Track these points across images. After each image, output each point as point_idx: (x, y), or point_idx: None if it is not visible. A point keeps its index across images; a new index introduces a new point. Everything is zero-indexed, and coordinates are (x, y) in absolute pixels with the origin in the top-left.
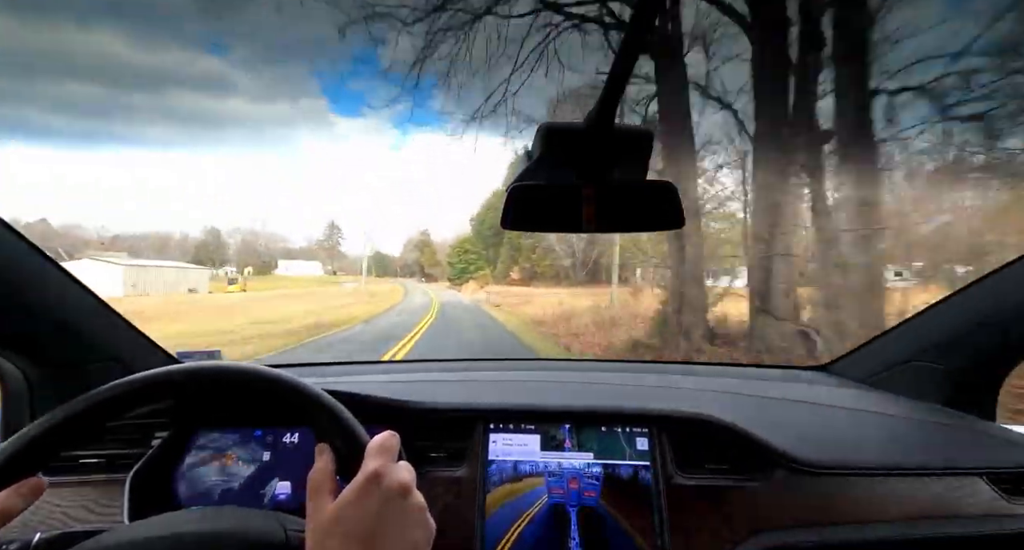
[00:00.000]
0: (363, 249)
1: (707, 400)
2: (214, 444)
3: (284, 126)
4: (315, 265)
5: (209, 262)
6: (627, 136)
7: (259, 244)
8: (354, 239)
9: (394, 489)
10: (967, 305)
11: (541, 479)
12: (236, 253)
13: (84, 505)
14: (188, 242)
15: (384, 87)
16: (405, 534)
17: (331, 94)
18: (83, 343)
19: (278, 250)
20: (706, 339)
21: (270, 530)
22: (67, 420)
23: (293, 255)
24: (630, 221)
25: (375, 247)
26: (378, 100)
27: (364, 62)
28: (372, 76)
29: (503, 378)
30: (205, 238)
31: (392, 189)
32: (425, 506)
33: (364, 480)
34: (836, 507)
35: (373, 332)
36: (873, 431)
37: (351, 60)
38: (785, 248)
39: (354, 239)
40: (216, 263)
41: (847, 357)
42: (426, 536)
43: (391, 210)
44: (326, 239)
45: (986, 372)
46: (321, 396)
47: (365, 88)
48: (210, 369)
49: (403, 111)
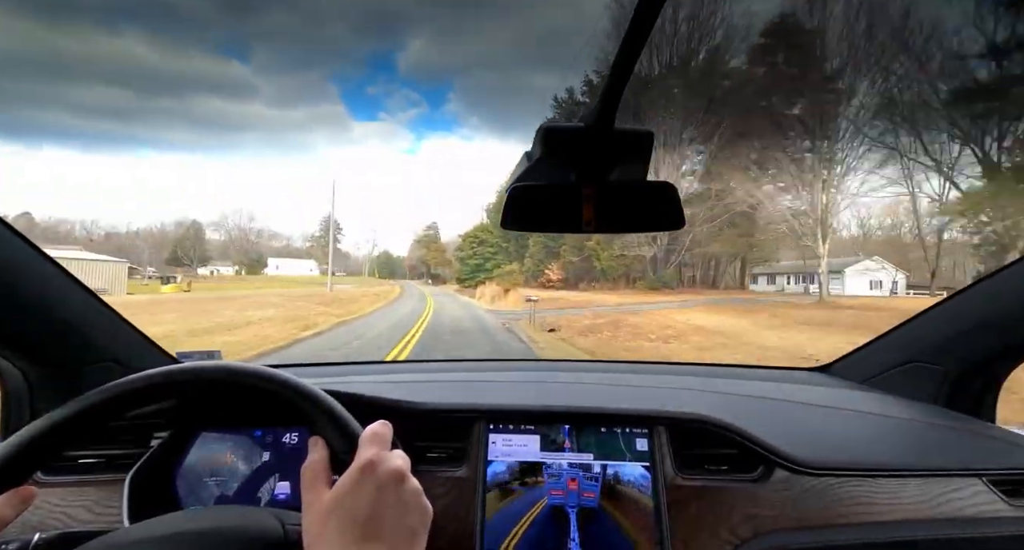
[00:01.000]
0: (363, 249)
1: (707, 401)
2: (213, 444)
3: (301, 131)
4: (309, 264)
5: (187, 260)
6: (627, 136)
7: (249, 241)
8: (360, 238)
9: (389, 476)
10: (966, 307)
11: (541, 480)
12: (220, 250)
13: (84, 505)
14: (167, 237)
15: (401, 92)
16: (402, 519)
17: (349, 100)
18: (83, 343)
19: (277, 248)
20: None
21: (268, 526)
22: (66, 421)
23: (297, 254)
24: (630, 221)
25: (377, 246)
26: (394, 105)
27: (382, 69)
28: (389, 82)
29: (503, 379)
30: (184, 233)
31: (403, 190)
32: (421, 491)
33: (358, 468)
34: (835, 508)
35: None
36: (872, 432)
37: (368, 66)
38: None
39: (360, 238)
40: (196, 261)
41: (847, 358)
42: (423, 520)
43: (400, 211)
44: (324, 235)
45: (985, 373)
46: (312, 391)
47: (381, 93)
48: (191, 370)
49: (418, 116)
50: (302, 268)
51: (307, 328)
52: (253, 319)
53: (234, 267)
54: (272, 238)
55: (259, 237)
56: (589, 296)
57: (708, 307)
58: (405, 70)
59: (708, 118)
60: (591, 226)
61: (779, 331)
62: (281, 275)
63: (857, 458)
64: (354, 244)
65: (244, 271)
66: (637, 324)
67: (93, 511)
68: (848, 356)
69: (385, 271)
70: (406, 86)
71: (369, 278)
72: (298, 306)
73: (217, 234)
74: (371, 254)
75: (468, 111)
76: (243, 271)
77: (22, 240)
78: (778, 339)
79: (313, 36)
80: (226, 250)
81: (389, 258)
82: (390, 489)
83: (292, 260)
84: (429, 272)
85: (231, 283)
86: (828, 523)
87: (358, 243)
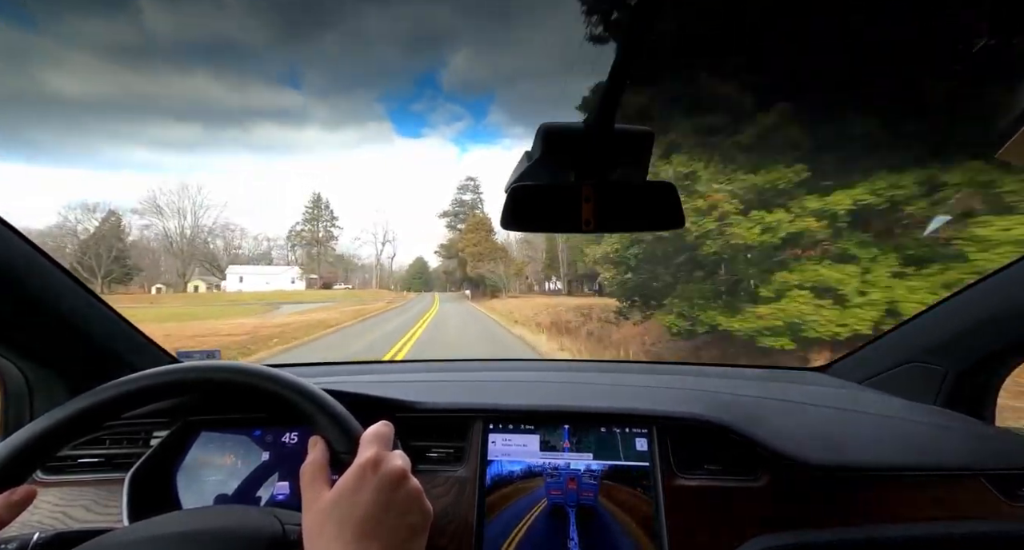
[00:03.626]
0: (369, 250)
1: (706, 401)
2: (213, 444)
3: (349, 149)
4: (290, 273)
5: (91, 261)
6: (627, 136)
7: (197, 242)
8: (370, 241)
9: (390, 476)
10: (967, 306)
11: (540, 479)
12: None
13: (83, 505)
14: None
15: (444, 107)
16: (403, 519)
17: (394, 117)
18: (83, 343)
19: (257, 255)
20: None
21: (267, 525)
22: (67, 420)
23: (268, 260)
24: (630, 221)
25: (388, 243)
26: (438, 119)
27: (427, 85)
28: (433, 98)
29: (502, 378)
30: (100, 228)
31: (442, 200)
32: (422, 491)
33: (359, 468)
34: (835, 508)
35: None
36: (872, 432)
37: (414, 84)
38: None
39: (370, 241)
40: (103, 274)
41: (846, 358)
42: (423, 521)
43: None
44: (307, 225)
45: (985, 373)
46: (312, 390)
47: (426, 109)
48: (192, 369)
49: (464, 128)
50: (281, 280)
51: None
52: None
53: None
54: (243, 238)
55: (224, 235)
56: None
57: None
58: (448, 84)
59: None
60: (591, 226)
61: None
62: (227, 293)
63: (856, 458)
64: (357, 244)
65: (199, 286)
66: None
67: (93, 511)
68: (848, 356)
69: (418, 282)
70: (450, 100)
71: (382, 291)
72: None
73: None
74: (378, 257)
75: (511, 121)
76: (166, 289)
77: (22, 240)
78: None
79: (360, 59)
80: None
81: (422, 267)
82: (391, 489)
83: (266, 268)
84: (466, 276)
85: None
86: (828, 523)
87: (360, 243)
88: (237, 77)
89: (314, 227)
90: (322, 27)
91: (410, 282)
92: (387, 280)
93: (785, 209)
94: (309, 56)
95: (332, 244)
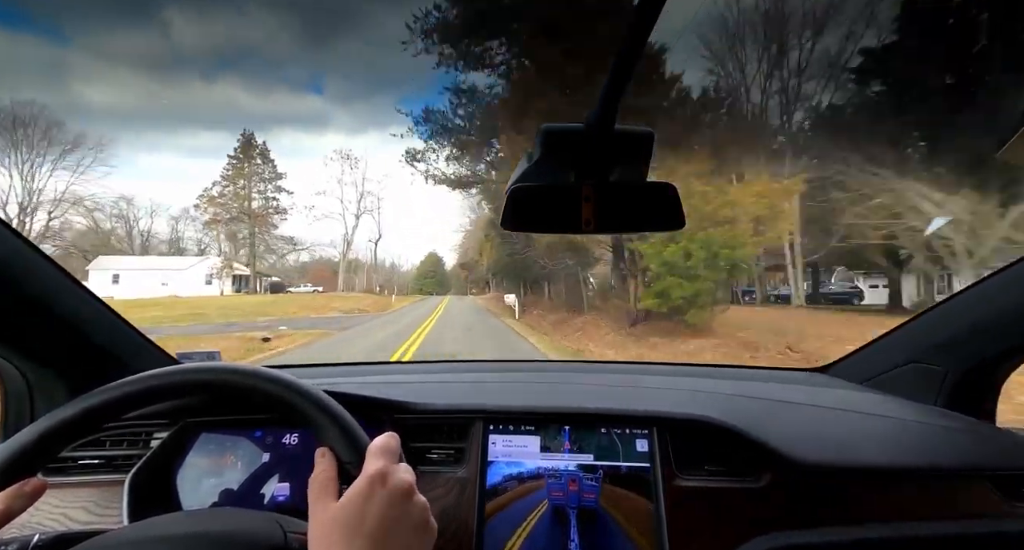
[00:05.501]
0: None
1: (706, 402)
2: (213, 445)
3: (371, 153)
4: (199, 266)
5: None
6: (627, 137)
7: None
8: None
9: (398, 490)
10: (967, 306)
11: (541, 481)
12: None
13: (83, 506)
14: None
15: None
16: (411, 533)
17: (415, 120)
18: (83, 343)
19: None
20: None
21: (269, 531)
22: (70, 420)
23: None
24: (630, 221)
25: (379, 235)
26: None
27: (447, 88)
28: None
29: (503, 380)
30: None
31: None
32: (428, 507)
33: (367, 481)
34: (835, 509)
35: None
36: (873, 433)
37: (434, 87)
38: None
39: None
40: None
41: (847, 359)
42: (429, 539)
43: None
44: (229, 184)
45: (986, 374)
46: (321, 399)
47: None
48: (193, 370)
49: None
50: (188, 277)
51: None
52: None
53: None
54: (141, 217)
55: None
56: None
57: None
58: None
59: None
60: (591, 226)
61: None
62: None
63: (857, 458)
64: (315, 217)
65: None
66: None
67: (93, 512)
68: (848, 356)
69: (431, 282)
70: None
71: (355, 295)
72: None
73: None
74: (348, 237)
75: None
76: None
77: (22, 240)
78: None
79: (378, 61)
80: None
81: (435, 263)
82: (398, 503)
83: (162, 260)
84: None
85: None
86: (829, 524)
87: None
88: (262, 84)
89: (241, 188)
90: (344, 33)
91: (421, 283)
92: (384, 280)
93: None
94: (331, 62)
95: (275, 219)
